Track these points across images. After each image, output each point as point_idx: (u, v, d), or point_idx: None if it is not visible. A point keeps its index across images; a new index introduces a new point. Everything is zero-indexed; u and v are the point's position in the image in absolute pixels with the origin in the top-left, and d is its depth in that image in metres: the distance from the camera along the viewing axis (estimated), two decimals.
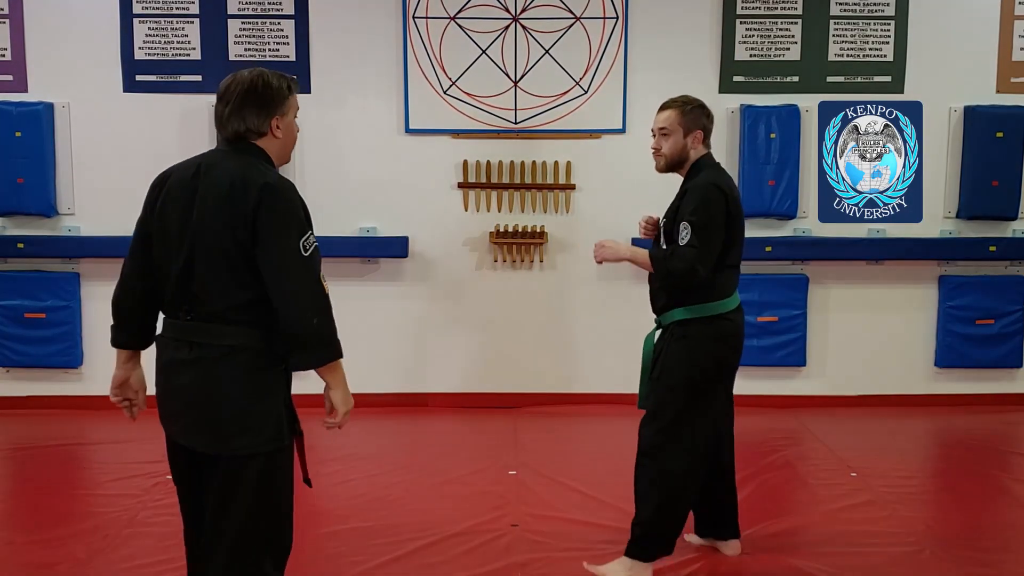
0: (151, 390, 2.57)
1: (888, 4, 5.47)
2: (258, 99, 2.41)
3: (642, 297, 5.66)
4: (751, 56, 5.49)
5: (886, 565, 3.40)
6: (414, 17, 5.43)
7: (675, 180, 5.56)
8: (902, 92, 5.52)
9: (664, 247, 3.33)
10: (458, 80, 5.47)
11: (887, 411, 5.55)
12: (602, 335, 5.60)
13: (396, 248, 5.42)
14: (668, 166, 3.40)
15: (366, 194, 5.48)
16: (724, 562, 3.45)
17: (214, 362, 2.34)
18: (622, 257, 3.39)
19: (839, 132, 5.53)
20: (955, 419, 5.42)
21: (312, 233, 2.37)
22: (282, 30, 5.45)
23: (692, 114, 3.33)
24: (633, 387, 5.63)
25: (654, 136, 3.39)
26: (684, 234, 3.17)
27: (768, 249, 5.48)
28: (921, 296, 5.65)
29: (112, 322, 2.58)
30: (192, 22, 5.43)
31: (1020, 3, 5.47)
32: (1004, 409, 5.57)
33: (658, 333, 3.38)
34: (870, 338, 5.65)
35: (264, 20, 5.44)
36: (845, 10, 5.47)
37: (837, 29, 5.48)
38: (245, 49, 5.45)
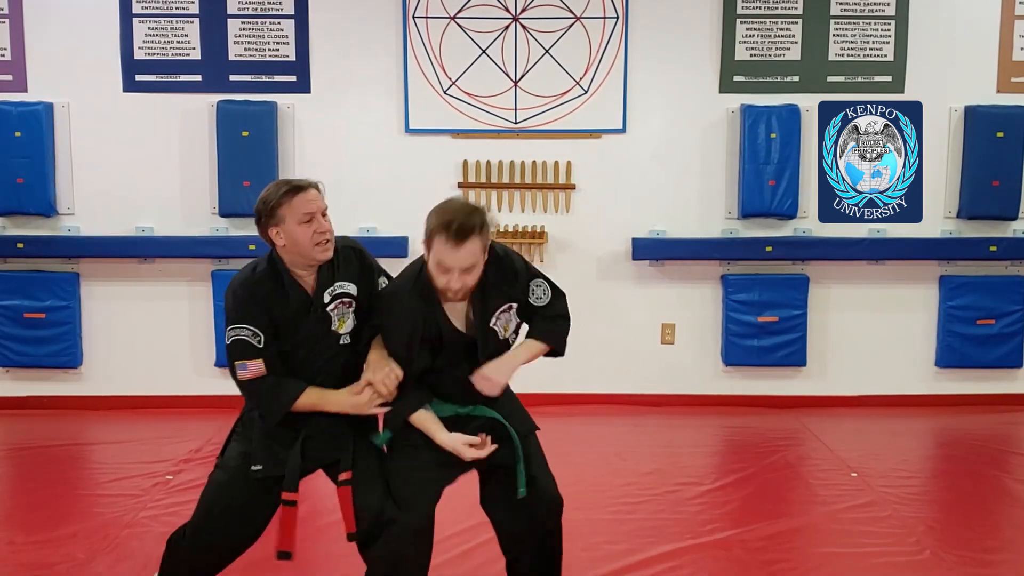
0: None
1: (888, 4, 5.47)
2: (255, 218, 2.72)
3: (641, 297, 5.71)
4: (751, 56, 5.49)
5: (886, 565, 3.39)
6: (414, 17, 5.43)
7: (677, 182, 5.60)
8: (902, 92, 5.51)
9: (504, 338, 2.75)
10: (458, 80, 5.47)
11: (887, 411, 5.55)
12: (602, 335, 5.59)
13: (396, 248, 5.41)
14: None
15: (366, 194, 5.47)
16: (724, 562, 3.45)
17: None
18: (515, 367, 2.73)
19: (839, 132, 5.53)
20: (955, 419, 5.42)
21: (236, 326, 2.65)
22: (282, 30, 5.45)
23: (489, 228, 2.58)
24: (632, 387, 5.68)
25: (447, 272, 2.53)
26: (540, 292, 2.75)
27: (768, 249, 5.48)
28: (921, 296, 5.64)
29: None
30: (192, 22, 5.43)
31: (1020, 3, 5.47)
32: (1004, 409, 5.56)
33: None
34: (870, 338, 5.65)
35: (264, 20, 5.44)
36: (845, 10, 5.47)
37: (837, 29, 5.48)
38: (245, 49, 5.45)
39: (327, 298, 2.73)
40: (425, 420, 2.70)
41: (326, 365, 2.75)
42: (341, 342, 2.75)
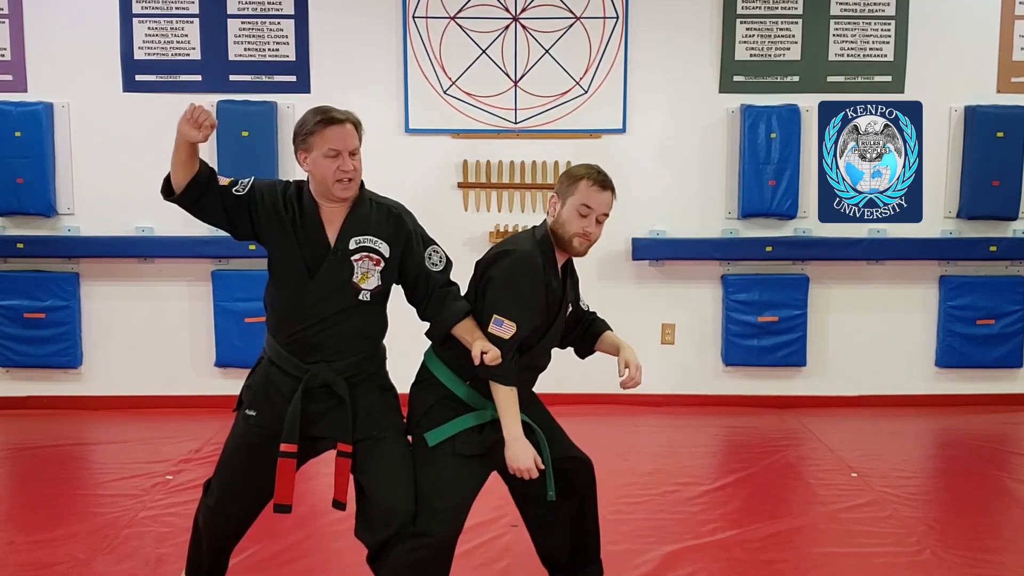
0: None
1: (888, 4, 5.47)
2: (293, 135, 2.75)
3: (641, 297, 5.71)
4: (751, 56, 5.49)
5: (886, 565, 3.39)
6: (414, 17, 5.43)
7: (677, 182, 5.60)
8: (902, 92, 5.52)
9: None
10: (458, 80, 5.47)
11: (887, 411, 5.55)
12: None
13: None
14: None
15: None
16: (724, 562, 3.45)
17: None
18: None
19: (839, 132, 5.53)
20: (955, 419, 5.42)
21: (236, 181, 2.88)
22: (282, 30, 5.45)
23: None
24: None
25: (586, 216, 2.82)
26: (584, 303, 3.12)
27: (768, 249, 5.48)
28: (921, 296, 5.64)
29: None
30: (192, 22, 5.43)
31: (1020, 3, 5.47)
32: (1004, 409, 5.57)
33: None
34: (870, 338, 5.65)
35: (264, 20, 5.44)
36: (845, 10, 5.47)
37: (837, 29, 5.48)
38: (245, 49, 5.45)
39: (353, 245, 2.66)
40: (513, 401, 2.70)
41: (337, 317, 2.64)
42: (360, 297, 2.66)
